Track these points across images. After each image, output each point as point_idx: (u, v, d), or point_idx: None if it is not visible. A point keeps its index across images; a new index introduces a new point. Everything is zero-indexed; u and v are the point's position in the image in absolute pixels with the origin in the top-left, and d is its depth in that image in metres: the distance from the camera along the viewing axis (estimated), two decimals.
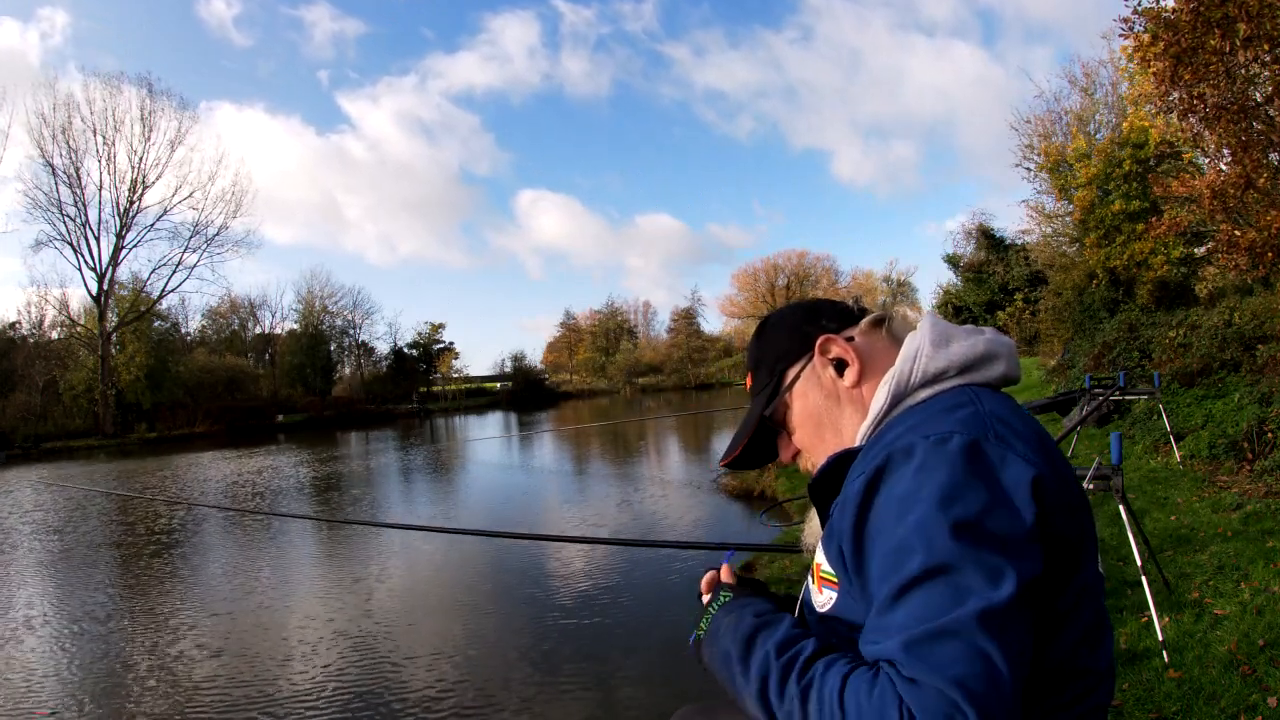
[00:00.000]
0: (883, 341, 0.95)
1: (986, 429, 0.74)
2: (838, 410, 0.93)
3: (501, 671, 5.02)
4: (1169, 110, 8.34)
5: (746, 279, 63.75)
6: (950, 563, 0.67)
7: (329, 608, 6.65)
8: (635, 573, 7.19)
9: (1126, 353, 10.95)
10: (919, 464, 0.72)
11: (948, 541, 0.67)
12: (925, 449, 0.72)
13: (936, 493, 0.69)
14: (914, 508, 0.70)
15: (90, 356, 37.96)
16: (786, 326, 1.01)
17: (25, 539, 10.95)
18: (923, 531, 0.68)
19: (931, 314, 0.94)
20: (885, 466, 0.74)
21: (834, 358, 0.94)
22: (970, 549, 0.67)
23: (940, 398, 0.83)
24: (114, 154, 38.58)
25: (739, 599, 0.92)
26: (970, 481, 0.70)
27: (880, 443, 0.79)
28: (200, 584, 7.91)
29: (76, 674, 5.45)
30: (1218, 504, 5.72)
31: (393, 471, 17.86)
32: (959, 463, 0.70)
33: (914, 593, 0.68)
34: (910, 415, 0.82)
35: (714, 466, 13.72)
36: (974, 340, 0.88)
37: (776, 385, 0.98)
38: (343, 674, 5.13)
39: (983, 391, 0.84)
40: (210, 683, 5.08)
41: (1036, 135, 18.84)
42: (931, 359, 0.86)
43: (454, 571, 7.87)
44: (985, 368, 0.87)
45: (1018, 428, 0.77)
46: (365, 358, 55.70)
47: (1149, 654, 3.38)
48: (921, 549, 0.68)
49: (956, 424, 0.75)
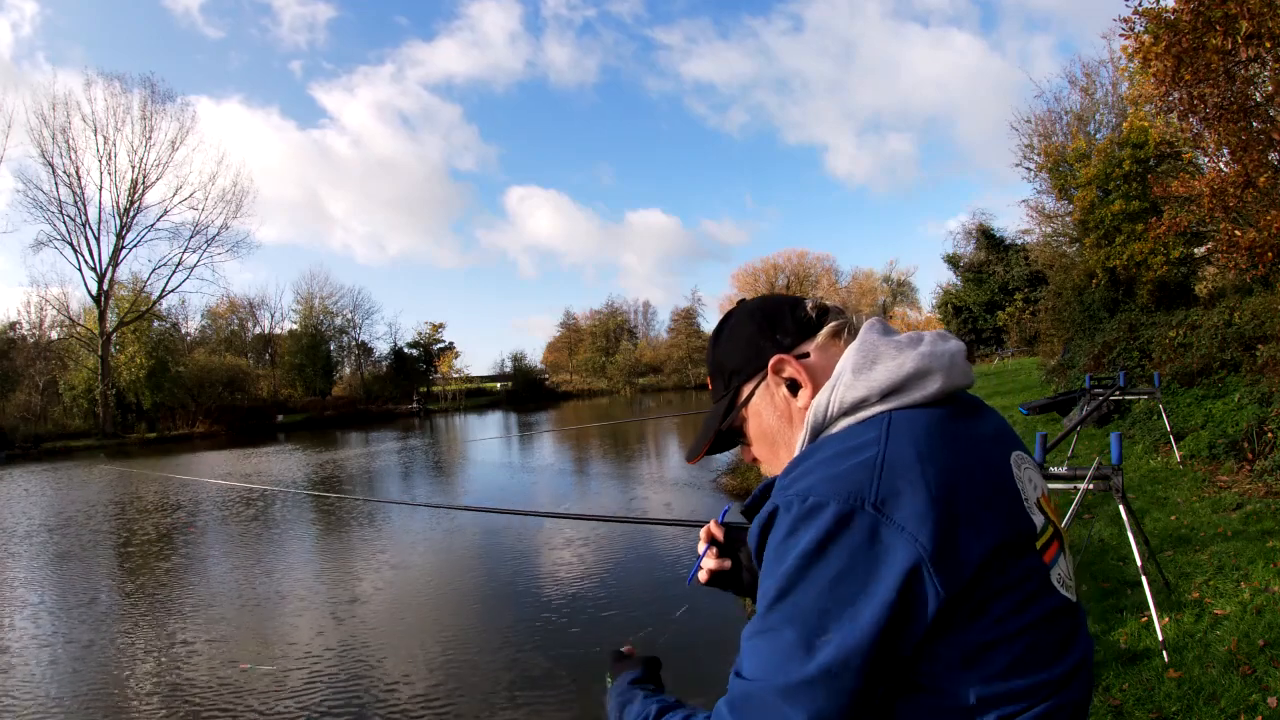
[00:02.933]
0: (840, 353, 0.92)
1: (868, 491, 0.73)
2: (789, 431, 0.93)
3: (495, 669, 5.02)
4: (1169, 110, 8.34)
5: (746, 279, 63.79)
6: (779, 626, 0.73)
7: (324, 609, 6.65)
8: (627, 566, 7.19)
9: (1126, 353, 10.95)
10: (789, 527, 0.75)
11: (785, 603, 0.73)
12: (798, 514, 0.75)
13: (792, 560, 0.73)
14: (775, 566, 0.75)
15: (90, 356, 37.97)
16: (741, 338, 0.98)
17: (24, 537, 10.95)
18: (773, 588, 0.74)
19: (869, 325, 0.92)
20: (772, 516, 0.78)
21: (787, 378, 0.92)
22: (802, 616, 0.72)
23: (851, 430, 0.82)
24: (114, 154, 38.64)
25: (620, 680, 1.07)
26: (823, 557, 0.72)
27: (784, 479, 0.81)
28: (195, 583, 7.91)
29: (74, 673, 5.45)
30: (1218, 504, 5.72)
31: (394, 471, 17.86)
32: (820, 535, 0.73)
33: (754, 641, 0.76)
34: (819, 449, 0.82)
35: (714, 465, 13.74)
36: (901, 360, 0.84)
37: (732, 400, 0.98)
38: (341, 674, 5.13)
39: (900, 420, 0.81)
40: (195, 686, 5.08)
41: (1036, 135, 18.86)
42: (850, 388, 0.84)
43: (452, 570, 7.87)
44: (914, 388, 0.84)
45: (913, 476, 0.74)
46: (365, 358, 55.71)
47: (1149, 654, 3.38)
48: (765, 604, 0.75)
49: (838, 484, 0.74)
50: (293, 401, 46.75)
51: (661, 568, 7.22)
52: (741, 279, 64.22)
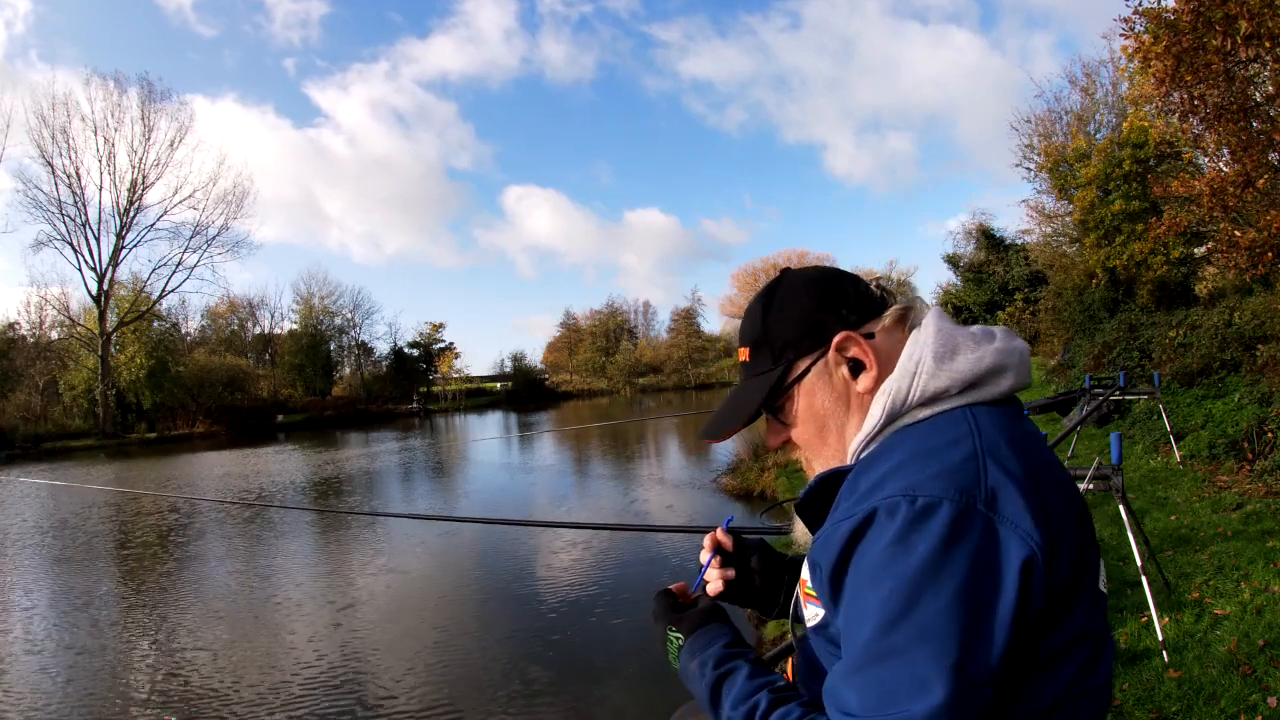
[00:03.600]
0: (904, 339, 0.86)
1: (978, 488, 0.69)
2: (845, 415, 0.87)
3: (496, 677, 5.02)
4: (1169, 111, 8.34)
5: (746, 279, 63.67)
6: (906, 648, 0.65)
7: (321, 614, 6.64)
8: (628, 571, 7.19)
9: (1126, 353, 10.95)
10: (899, 533, 0.68)
11: (909, 622, 0.65)
12: (908, 516, 0.68)
13: (910, 572, 0.66)
14: (885, 579, 0.67)
15: (90, 356, 37.95)
16: (799, 310, 0.90)
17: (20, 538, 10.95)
18: (887, 608, 0.66)
19: (937, 314, 0.86)
20: (869, 520, 0.71)
21: (851, 358, 0.86)
22: (934, 634, 0.64)
23: (937, 422, 0.78)
24: (114, 154, 38.63)
25: (698, 639, 0.93)
26: (947, 565, 0.66)
27: (871, 475, 0.75)
28: (187, 584, 7.91)
29: (70, 674, 5.45)
30: (1218, 504, 5.72)
31: (393, 472, 17.85)
32: (939, 542, 0.66)
33: (868, 671, 0.67)
34: (904, 441, 0.78)
35: (714, 466, 13.73)
36: (980, 353, 0.81)
37: (782, 376, 0.89)
38: (337, 680, 5.12)
39: (982, 415, 0.78)
40: (187, 688, 5.08)
41: (1037, 135, 18.85)
42: (933, 376, 0.79)
43: (451, 576, 7.86)
44: (990, 383, 0.81)
45: (1014, 470, 0.71)
46: (365, 358, 55.68)
47: (1149, 654, 3.37)
48: (883, 625, 0.66)
49: (947, 480, 0.70)
50: (293, 401, 46.72)
51: (664, 571, 7.21)
52: (741, 279, 64.14)
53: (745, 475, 11.70)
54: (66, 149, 37.46)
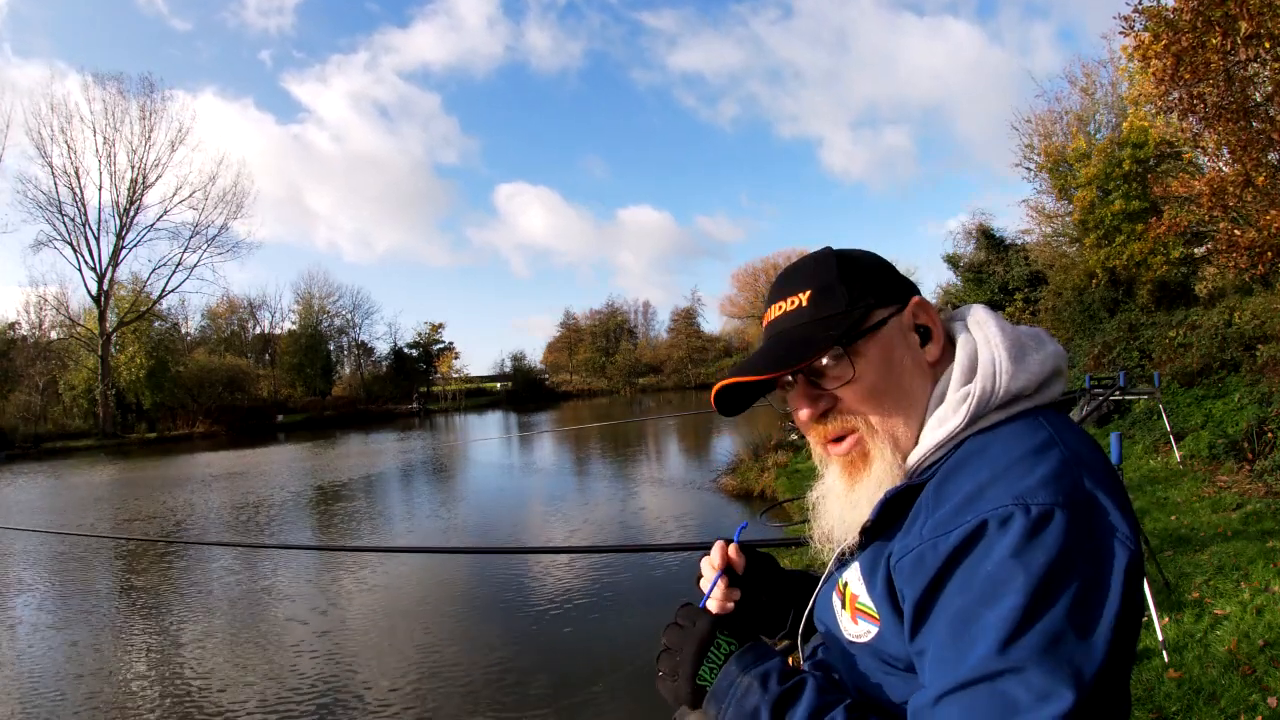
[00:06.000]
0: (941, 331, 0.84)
1: (1081, 492, 0.67)
2: (922, 386, 0.81)
3: (487, 686, 5.00)
4: (1169, 110, 8.34)
5: (746, 279, 63.66)
6: (1026, 664, 0.61)
7: (314, 619, 6.63)
8: (620, 579, 7.14)
9: (1126, 353, 10.95)
10: (1016, 544, 0.64)
11: (1032, 635, 0.62)
12: (1024, 527, 0.65)
13: (1030, 585, 0.63)
14: (1004, 595, 0.63)
15: (90, 356, 37.96)
16: (877, 264, 0.85)
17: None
18: (1005, 626, 0.63)
19: (987, 311, 0.83)
20: (979, 533, 0.67)
21: (922, 324, 0.83)
22: (1059, 646, 0.62)
23: (1017, 426, 0.75)
24: (114, 154, 38.64)
25: (751, 650, 0.83)
26: (1069, 573, 0.63)
27: (962, 484, 0.71)
28: (172, 590, 7.90)
29: (59, 679, 5.45)
30: (1218, 504, 5.72)
31: (394, 472, 17.84)
32: (1059, 551, 0.64)
33: (979, 687, 0.62)
34: (988, 446, 0.74)
35: (714, 466, 13.71)
36: (1043, 355, 0.80)
37: (860, 319, 0.80)
38: (332, 687, 5.12)
39: (1054, 420, 0.76)
40: (171, 696, 5.07)
41: (1037, 135, 18.83)
42: (1013, 376, 0.76)
43: (441, 585, 7.85)
44: (1052, 385, 0.79)
45: (1102, 475, 0.70)
46: (365, 358, 55.70)
47: (1149, 654, 3.37)
48: (998, 640, 0.62)
49: (1054, 487, 0.67)
50: (293, 401, 46.74)
51: (655, 582, 7.18)
52: (742, 279, 64.11)
53: (745, 475, 11.68)
54: (66, 149, 37.56)
